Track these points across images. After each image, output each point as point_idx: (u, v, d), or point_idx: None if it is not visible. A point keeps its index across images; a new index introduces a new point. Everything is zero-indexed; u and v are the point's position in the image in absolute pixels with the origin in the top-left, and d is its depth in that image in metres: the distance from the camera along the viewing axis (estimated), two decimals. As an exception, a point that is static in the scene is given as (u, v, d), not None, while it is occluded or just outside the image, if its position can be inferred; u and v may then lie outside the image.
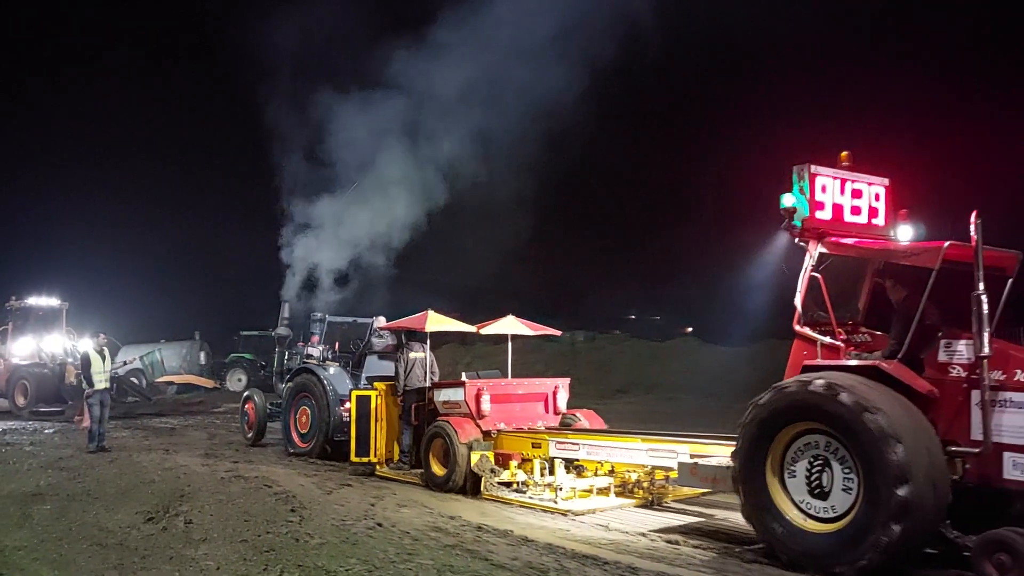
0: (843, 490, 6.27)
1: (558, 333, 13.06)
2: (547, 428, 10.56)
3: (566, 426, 10.80)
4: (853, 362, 6.91)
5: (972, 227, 6.45)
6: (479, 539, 7.20)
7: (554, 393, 11.17)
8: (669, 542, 7.13)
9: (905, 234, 7.44)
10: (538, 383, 11.41)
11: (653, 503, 8.92)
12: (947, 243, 6.56)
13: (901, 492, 5.78)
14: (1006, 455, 6.17)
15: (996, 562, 5.80)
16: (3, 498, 9.06)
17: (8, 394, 21.22)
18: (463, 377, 11.04)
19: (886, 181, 7.88)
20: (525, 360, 27.60)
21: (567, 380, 11.53)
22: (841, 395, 6.13)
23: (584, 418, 11.04)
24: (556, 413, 11.13)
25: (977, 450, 6.23)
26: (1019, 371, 6.27)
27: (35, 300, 22.71)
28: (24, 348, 22.19)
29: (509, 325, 11.83)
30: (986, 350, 6.21)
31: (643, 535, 7.45)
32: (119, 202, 44.76)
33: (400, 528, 7.56)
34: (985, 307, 6.24)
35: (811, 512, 6.46)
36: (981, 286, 6.27)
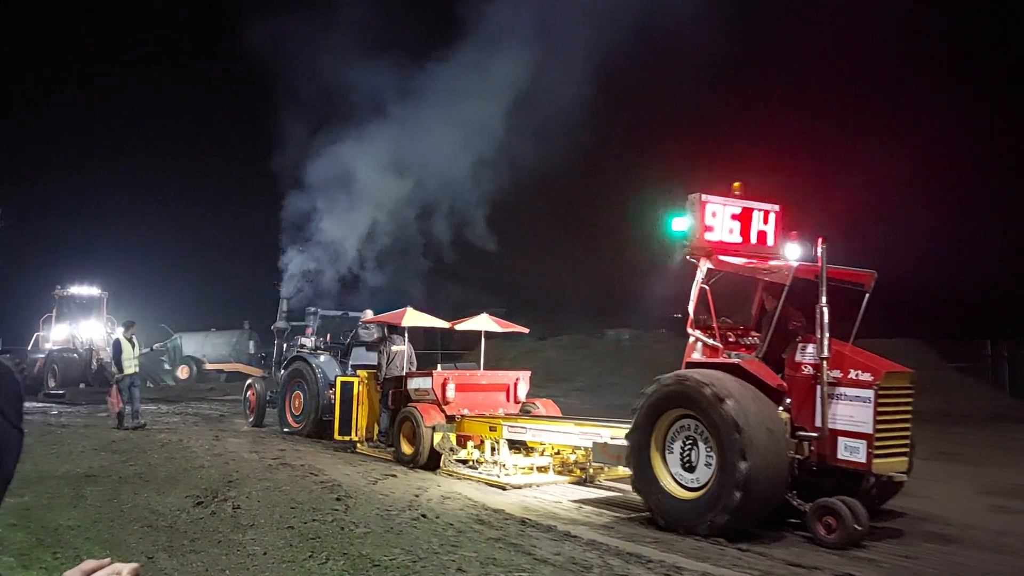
0: (705, 465, 7.48)
1: (526, 331, 13.91)
2: (506, 414, 11.63)
3: (526, 413, 11.91)
4: (721, 360, 8.22)
5: (818, 250, 7.61)
6: (522, 533, 7.16)
7: (515, 384, 12.37)
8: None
9: (793, 253, 8.31)
10: (500, 375, 12.70)
11: (587, 481, 10.01)
12: (796, 263, 7.99)
13: (743, 467, 6.91)
14: (839, 439, 7.40)
15: (824, 524, 7.01)
16: (58, 479, 9.29)
17: (44, 378, 21.96)
18: (438, 368, 12.15)
19: (777, 207, 8.96)
20: (572, 358, 27.53)
21: (527, 373, 12.83)
22: (704, 387, 7.33)
23: (542, 406, 12.20)
24: (516, 402, 12.29)
25: (816, 435, 7.48)
26: (852, 370, 7.45)
27: (77, 289, 23.59)
28: (60, 334, 23.04)
29: (482, 322, 12.91)
30: (825, 352, 7.39)
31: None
32: (176, 197, 45.71)
33: (444, 520, 7.57)
34: (826, 317, 7.41)
35: (682, 483, 7.69)
36: (824, 300, 7.46)
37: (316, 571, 5.89)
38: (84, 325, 23.35)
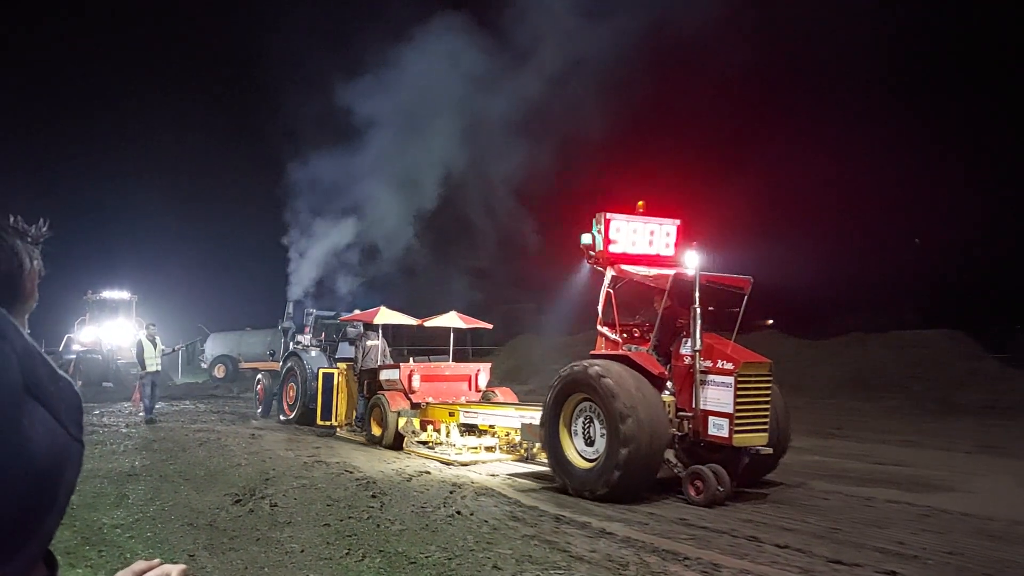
0: (600, 440, 8.85)
1: (489, 327, 15.37)
2: (467, 401, 13.14)
3: (486, 400, 13.40)
4: (615, 352, 9.66)
5: (683, 258, 9.24)
6: (557, 530, 7.15)
7: (476, 374, 13.91)
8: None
9: (692, 261, 9.28)
10: (463, 367, 14.31)
11: (527, 458, 11.20)
12: (674, 271, 9.43)
13: (625, 442, 8.30)
14: (710, 418, 8.79)
15: (694, 486, 8.46)
16: (101, 478, 9.46)
17: (75, 378, 22.59)
18: (411, 362, 14.19)
19: (678, 222, 10.39)
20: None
21: (488, 364, 14.50)
22: (597, 375, 8.73)
23: (500, 394, 13.67)
24: (477, 390, 13.80)
25: (691, 414, 8.93)
26: (719, 360, 8.83)
27: (108, 293, 24.39)
28: (88, 336, 23.82)
29: (450, 320, 14.42)
30: (698, 345, 8.88)
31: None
32: (208, 203, 46.23)
33: (479, 517, 7.59)
34: (699, 316, 8.88)
35: (583, 455, 9.08)
36: (697, 300, 8.90)
37: (353, 568, 5.94)
38: (111, 327, 24.05)
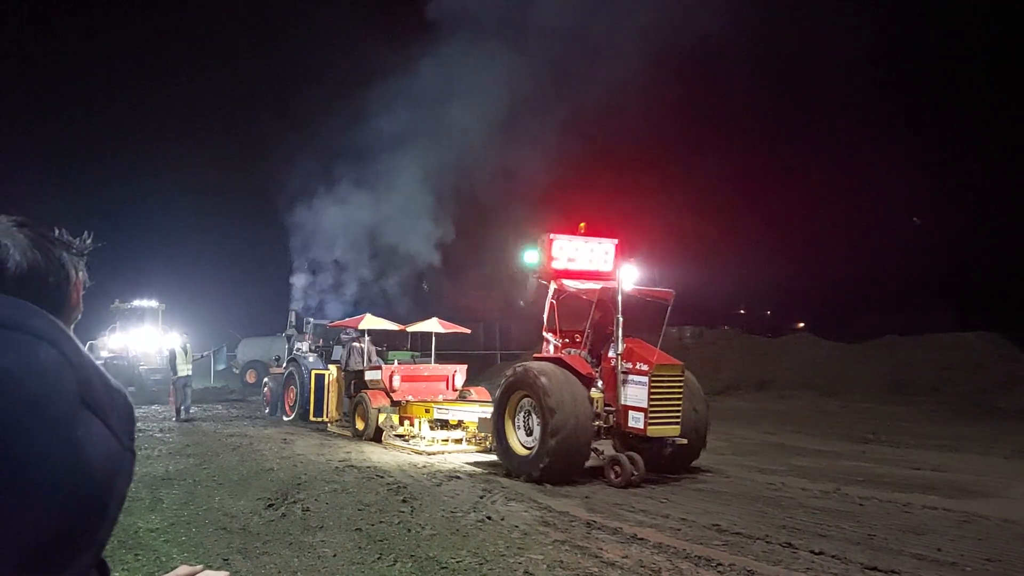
0: (536, 430, 10.06)
1: (468, 331, 16.68)
2: (444, 399, 14.48)
3: (463, 398, 14.78)
4: (552, 355, 10.95)
5: (619, 273, 10.59)
6: (589, 535, 7.11)
7: (453, 375, 15.23)
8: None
9: (628, 275, 10.65)
10: (440, 368, 15.54)
11: (491, 449, 11.77)
12: (601, 285, 10.84)
13: (554, 434, 9.58)
14: (629, 412, 10.01)
15: (613, 470, 9.66)
16: (136, 482, 9.55)
17: None
18: (395, 363, 15.42)
19: (615, 240, 11.56)
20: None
21: (464, 366, 15.61)
22: (534, 374, 10.08)
23: (475, 393, 14.93)
24: (454, 390, 15.13)
25: (614, 409, 10.20)
26: (637, 362, 10.02)
27: (138, 302, 25.02)
28: (116, 344, 24.41)
29: (431, 325, 15.89)
30: (620, 349, 10.18)
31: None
32: (237, 210, 46.84)
33: (509, 522, 7.57)
34: (620, 323, 10.21)
35: (523, 443, 10.40)
36: (619, 310, 10.24)
37: (385, 573, 5.96)
38: (138, 335, 24.58)
